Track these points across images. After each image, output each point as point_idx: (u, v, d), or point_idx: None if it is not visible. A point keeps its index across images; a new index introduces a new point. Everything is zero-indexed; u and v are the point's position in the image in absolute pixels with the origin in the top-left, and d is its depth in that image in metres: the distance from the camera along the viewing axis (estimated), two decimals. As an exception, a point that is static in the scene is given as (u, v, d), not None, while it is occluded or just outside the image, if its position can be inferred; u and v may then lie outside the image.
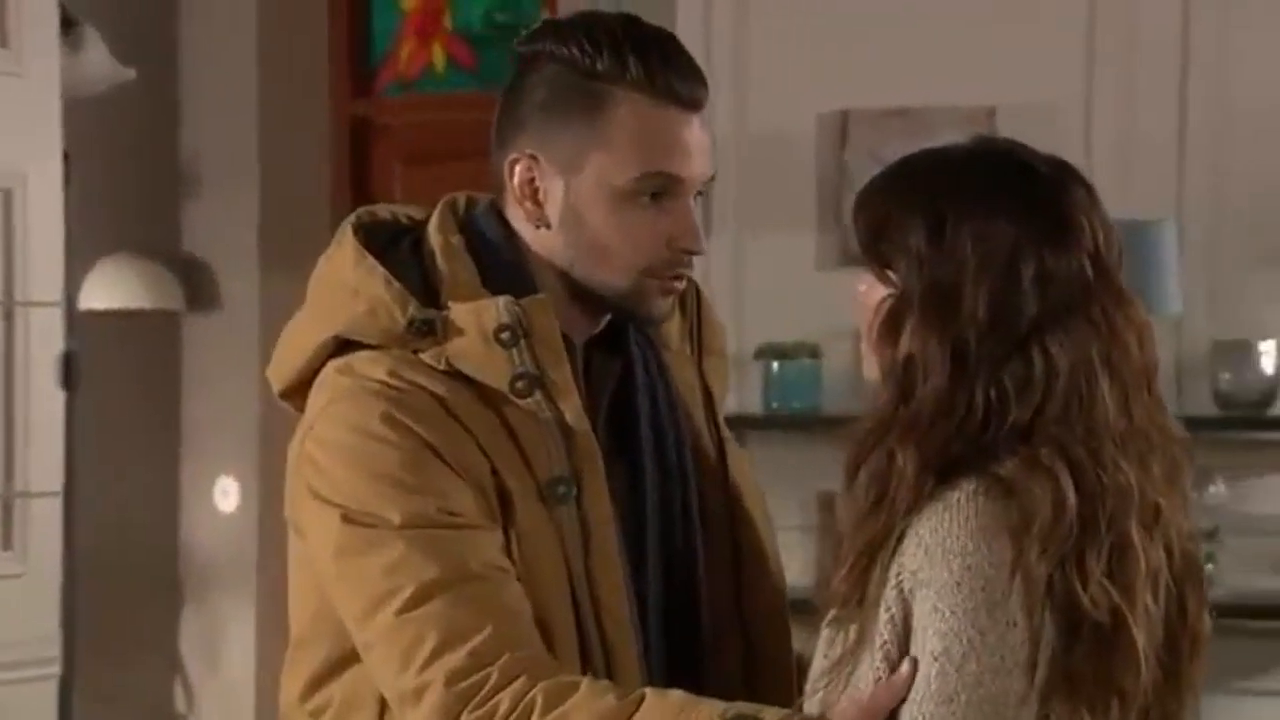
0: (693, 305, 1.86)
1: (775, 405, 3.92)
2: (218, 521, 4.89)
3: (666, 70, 1.69)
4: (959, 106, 3.97)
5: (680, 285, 1.74)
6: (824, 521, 3.87)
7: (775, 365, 3.90)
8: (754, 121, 3.96)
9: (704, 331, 1.86)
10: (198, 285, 4.89)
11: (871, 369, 1.63)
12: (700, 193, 1.73)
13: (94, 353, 4.06)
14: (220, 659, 4.89)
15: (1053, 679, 1.51)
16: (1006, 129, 3.94)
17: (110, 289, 4.69)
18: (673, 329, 1.83)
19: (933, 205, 1.58)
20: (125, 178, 4.77)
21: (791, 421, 3.91)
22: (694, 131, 1.70)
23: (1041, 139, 1.73)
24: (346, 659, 1.70)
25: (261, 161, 4.85)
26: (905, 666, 1.52)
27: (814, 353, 3.92)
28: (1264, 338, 3.82)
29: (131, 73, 3.79)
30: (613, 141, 1.68)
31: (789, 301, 3.92)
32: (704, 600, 1.76)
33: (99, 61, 3.64)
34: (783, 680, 1.79)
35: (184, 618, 4.93)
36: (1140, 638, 1.52)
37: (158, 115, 4.83)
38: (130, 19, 4.51)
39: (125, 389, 4.77)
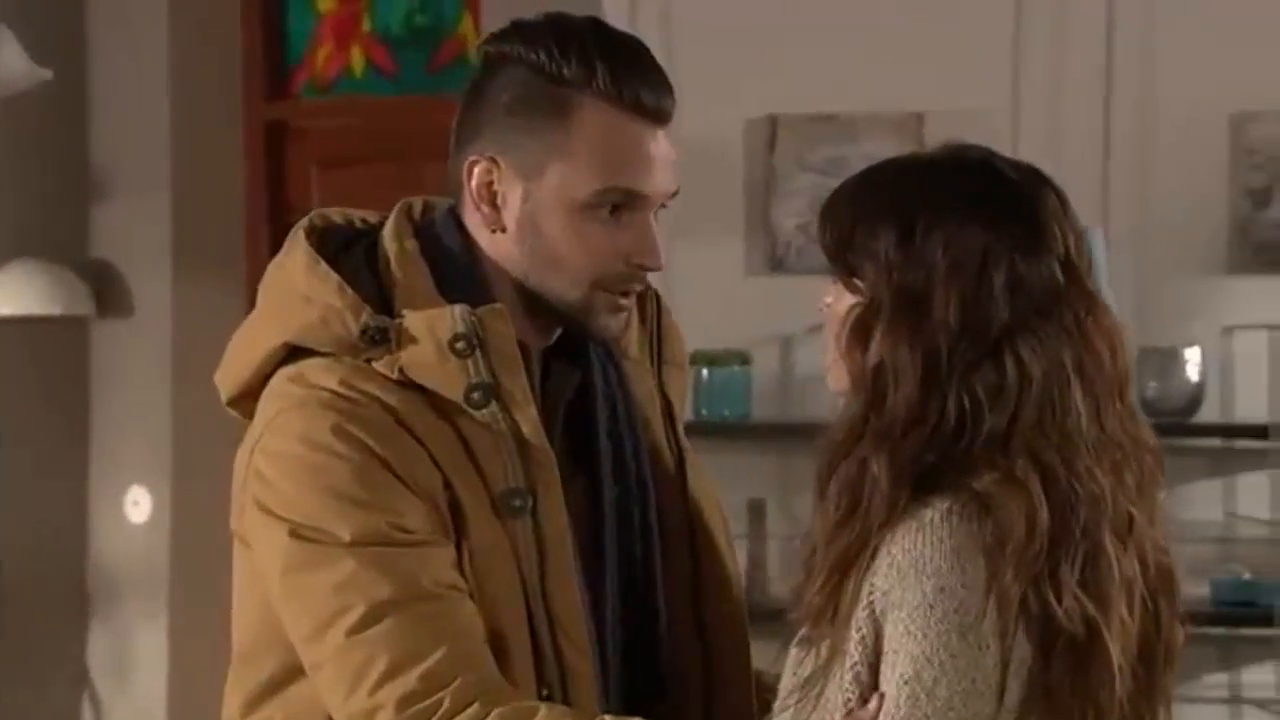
0: (653, 315, 1.82)
1: (705, 412, 3.88)
2: (128, 533, 4.79)
3: (634, 80, 1.65)
4: (887, 113, 3.96)
5: (629, 302, 1.71)
6: (753, 529, 3.85)
7: (705, 372, 3.87)
8: (681, 127, 3.89)
9: (664, 342, 1.83)
10: (107, 291, 4.78)
11: (839, 380, 1.60)
12: (663, 205, 1.69)
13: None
14: (130, 675, 4.78)
15: (1030, 696, 1.49)
16: (934, 135, 3.94)
17: (16, 295, 4.57)
18: (632, 338, 1.80)
19: (902, 211, 1.56)
20: (31, 180, 4.66)
21: (721, 429, 3.88)
22: (659, 145, 1.67)
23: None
24: (290, 675, 1.65)
25: (174, 164, 4.75)
26: (874, 703, 1.49)
27: (744, 360, 3.90)
28: (1189, 345, 3.84)
29: (48, 73, 3.70)
30: (575, 151, 1.64)
31: (718, 308, 3.88)
32: (663, 617, 1.72)
33: (13, 61, 3.53)
34: (743, 699, 1.76)
35: (93, 632, 4.82)
36: (1115, 649, 1.50)
37: (66, 116, 4.71)
38: (37, 17, 4.40)
39: (32, 397, 4.65)
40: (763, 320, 3.88)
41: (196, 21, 4.77)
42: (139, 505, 4.78)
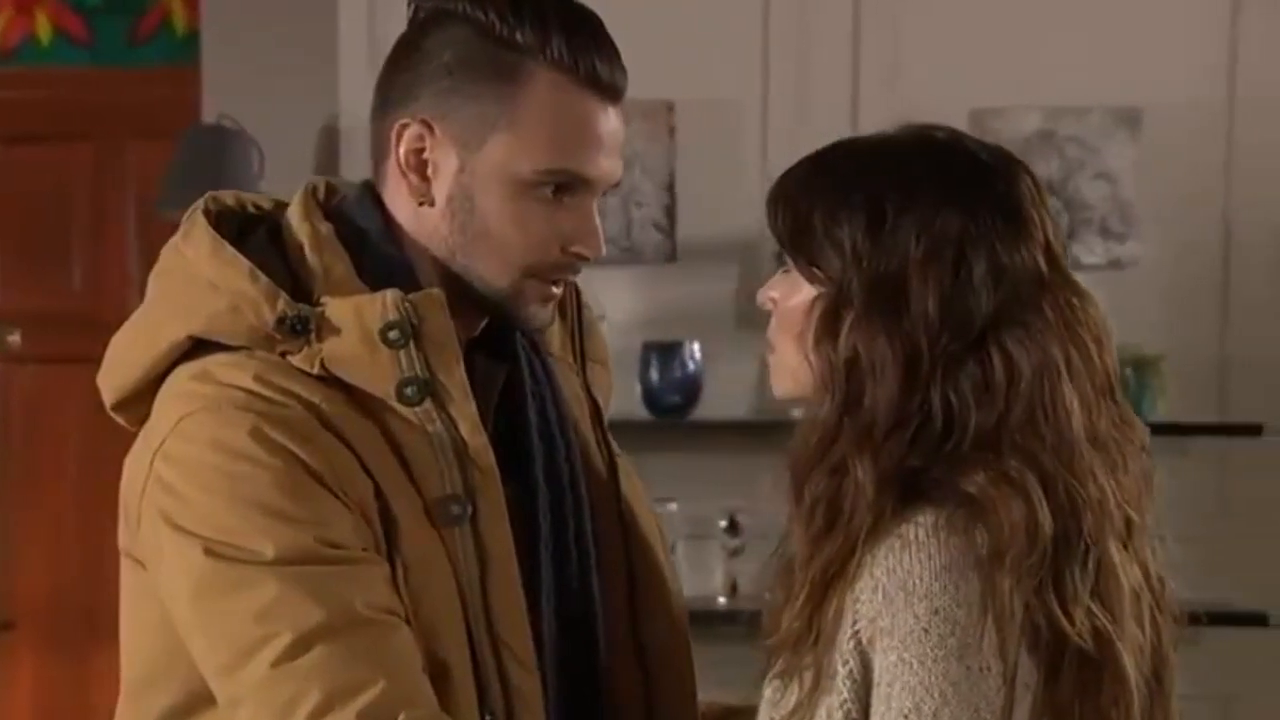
0: (573, 310, 1.68)
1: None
2: None
3: (589, 51, 1.51)
4: (638, 99, 3.83)
5: (558, 291, 1.56)
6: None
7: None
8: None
9: (586, 338, 1.69)
10: None
11: (794, 384, 1.47)
12: (604, 194, 1.55)
13: None
14: None
15: (1037, 716, 1.38)
16: (684, 124, 3.88)
17: None
18: (554, 335, 1.66)
19: (869, 195, 1.44)
20: None
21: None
22: (611, 124, 1.53)
23: (720, 134, 1.63)
24: (195, 705, 1.46)
25: None
26: None
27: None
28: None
29: None
30: (522, 123, 1.49)
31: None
32: (600, 628, 1.58)
33: None
34: (685, 713, 1.63)
35: None
36: (1130, 664, 1.40)
37: None
38: None
39: None
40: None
41: None
42: None
